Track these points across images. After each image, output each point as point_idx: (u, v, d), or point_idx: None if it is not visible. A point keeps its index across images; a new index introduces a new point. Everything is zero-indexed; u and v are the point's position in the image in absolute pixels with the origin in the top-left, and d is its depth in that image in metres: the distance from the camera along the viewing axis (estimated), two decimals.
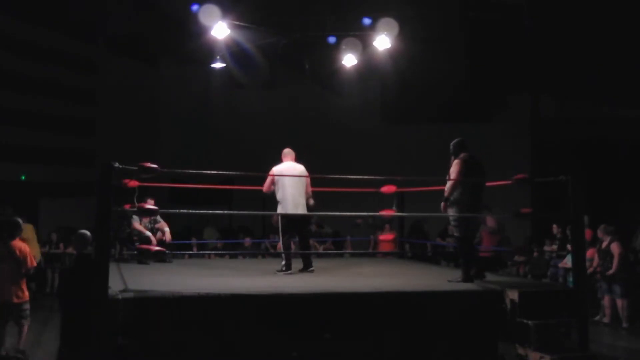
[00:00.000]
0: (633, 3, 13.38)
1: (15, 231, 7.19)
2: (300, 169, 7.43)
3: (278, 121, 16.29)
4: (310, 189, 7.48)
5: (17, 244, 7.18)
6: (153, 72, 18.62)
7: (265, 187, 7.41)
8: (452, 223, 6.72)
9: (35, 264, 7.41)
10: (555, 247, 11.03)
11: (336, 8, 12.13)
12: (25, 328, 7.24)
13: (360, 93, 15.91)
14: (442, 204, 6.64)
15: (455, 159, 6.72)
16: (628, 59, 14.23)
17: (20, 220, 7.37)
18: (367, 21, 11.52)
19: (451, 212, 6.64)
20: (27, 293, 7.26)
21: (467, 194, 6.56)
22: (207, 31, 10.25)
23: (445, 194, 6.59)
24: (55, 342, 6.47)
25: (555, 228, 11.21)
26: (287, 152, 7.58)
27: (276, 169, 7.42)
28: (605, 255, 9.63)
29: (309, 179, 7.46)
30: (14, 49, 15.62)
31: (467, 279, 6.52)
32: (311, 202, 7.48)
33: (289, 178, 7.25)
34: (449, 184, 6.61)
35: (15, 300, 7.09)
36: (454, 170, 6.65)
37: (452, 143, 6.86)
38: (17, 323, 7.22)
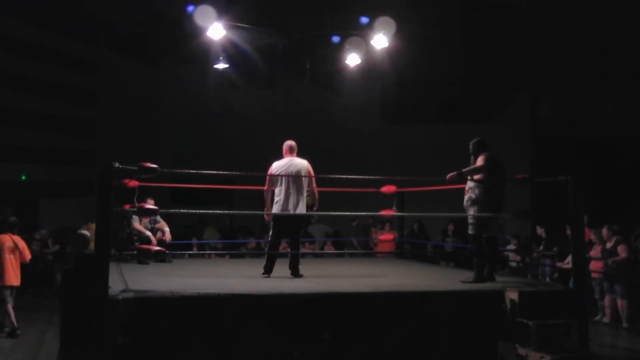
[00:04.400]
0: (633, 3, 13.37)
1: (16, 227, 8.79)
2: (300, 165, 7.04)
3: (278, 121, 16.26)
4: (314, 185, 7.09)
5: (18, 238, 8.75)
6: (153, 72, 18.60)
7: (267, 187, 7.14)
8: (470, 221, 6.68)
9: (30, 256, 8.88)
10: (541, 247, 11.05)
11: (336, 8, 12.13)
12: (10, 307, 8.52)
13: (360, 93, 15.89)
14: (454, 172, 6.53)
15: (475, 158, 6.70)
16: (628, 59, 14.22)
17: (15, 218, 9.09)
18: (366, 21, 11.51)
19: (471, 212, 6.63)
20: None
21: (488, 194, 6.54)
22: (206, 32, 10.25)
23: (464, 170, 6.52)
24: (55, 342, 6.48)
25: (539, 229, 11.24)
26: (287, 146, 7.21)
27: (275, 165, 7.13)
28: (609, 255, 9.63)
29: (311, 175, 7.06)
30: (14, 49, 15.61)
31: (479, 279, 6.51)
32: (310, 200, 7.02)
33: (286, 175, 6.96)
34: (473, 167, 6.56)
35: (18, 284, 8.57)
36: (479, 162, 6.58)
37: (471, 142, 6.83)
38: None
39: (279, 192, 7.00)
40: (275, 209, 7.01)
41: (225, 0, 11.04)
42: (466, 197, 6.72)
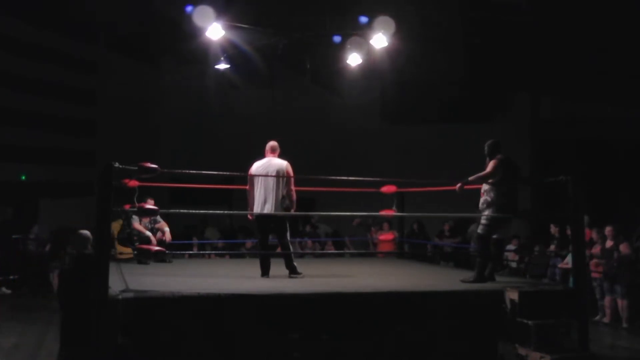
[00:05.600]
0: (633, 3, 13.37)
1: None
2: (275, 165, 7.04)
3: (278, 121, 16.26)
4: (291, 187, 7.02)
5: None
6: (153, 72, 18.60)
7: (248, 187, 7.15)
8: (483, 222, 6.69)
9: None
10: (553, 246, 11.03)
11: (336, 8, 12.12)
12: None
13: (360, 93, 15.89)
14: (460, 184, 6.58)
15: (490, 160, 6.70)
16: (628, 59, 14.22)
17: None
18: (365, 20, 11.50)
19: (486, 213, 6.63)
20: None
21: (502, 196, 6.54)
22: (205, 32, 10.24)
23: (470, 178, 6.55)
24: (55, 342, 6.48)
25: (552, 228, 11.22)
26: (269, 147, 7.24)
27: (254, 166, 7.16)
28: (610, 254, 9.62)
29: (289, 176, 7.01)
30: (14, 49, 15.61)
31: (480, 279, 6.51)
32: (286, 202, 6.98)
33: (258, 175, 7.00)
34: (479, 175, 6.59)
35: None
36: (488, 168, 6.62)
37: (486, 144, 6.82)
38: None
39: (257, 192, 7.04)
40: (255, 209, 7.05)
41: (224, 0, 11.03)
42: (482, 200, 6.72)
